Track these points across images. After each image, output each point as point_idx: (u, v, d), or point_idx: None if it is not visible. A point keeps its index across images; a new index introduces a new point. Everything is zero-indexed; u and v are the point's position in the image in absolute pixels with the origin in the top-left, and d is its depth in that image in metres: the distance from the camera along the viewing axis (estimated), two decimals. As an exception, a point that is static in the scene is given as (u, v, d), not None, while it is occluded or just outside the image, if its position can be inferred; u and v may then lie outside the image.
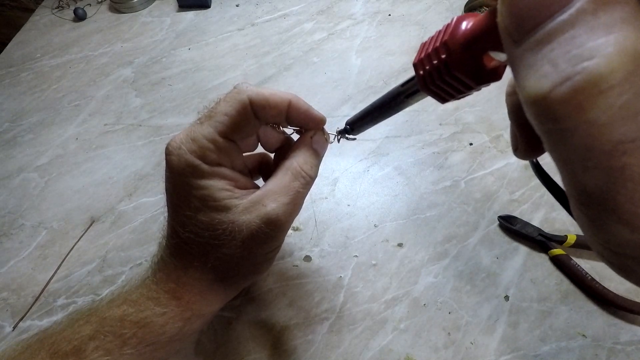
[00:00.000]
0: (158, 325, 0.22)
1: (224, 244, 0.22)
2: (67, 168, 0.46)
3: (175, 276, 0.23)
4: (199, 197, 0.22)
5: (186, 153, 0.21)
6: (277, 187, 0.23)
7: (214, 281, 0.24)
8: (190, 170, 0.21)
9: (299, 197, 0.23)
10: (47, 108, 0.53)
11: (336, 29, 0.61)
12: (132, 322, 0.21)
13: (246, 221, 0.22)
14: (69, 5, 0.70)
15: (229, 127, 0.22)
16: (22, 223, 0.42)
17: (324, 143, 0.26)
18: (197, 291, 0.23)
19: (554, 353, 0.31)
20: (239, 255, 0.23)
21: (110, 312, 0.22)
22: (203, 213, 0.22)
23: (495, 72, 0.14)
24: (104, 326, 0.21)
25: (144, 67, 0.57)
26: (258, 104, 0.22)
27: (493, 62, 0.14)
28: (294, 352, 0.32)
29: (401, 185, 0.42)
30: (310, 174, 0.24)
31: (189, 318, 0.23)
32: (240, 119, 0.22)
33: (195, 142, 0.21)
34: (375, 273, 0.36)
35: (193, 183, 0.22)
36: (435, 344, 0.32)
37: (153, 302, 0.22)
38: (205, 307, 0.24)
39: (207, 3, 0.67)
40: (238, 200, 0.22)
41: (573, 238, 0.35)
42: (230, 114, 0.22)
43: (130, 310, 0.22)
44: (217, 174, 0.22)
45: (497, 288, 0.35)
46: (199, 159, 0.21)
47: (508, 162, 0.43)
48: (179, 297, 0.23)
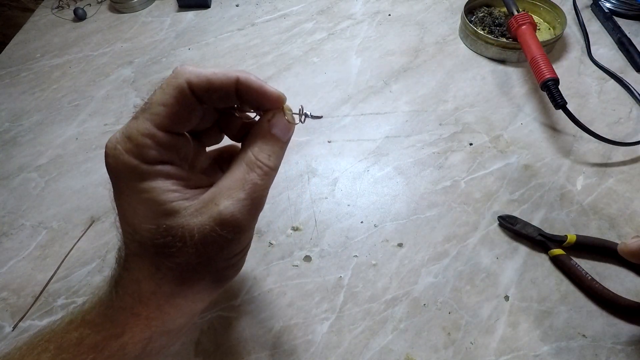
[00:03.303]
0: (116, 348, 0.19)
1: (175, 253, 0.19)
2: (67, 168, 0.46)
3: (131, 291, 0.20)
4: (142, 202, 0.19)
5: (122, 153, 0.19)
6: (231, 182, 0.20)
7: (173, 295, 0.21)
8: (128, 173, 0.19)
9: (257, 191, 0.20)
10: (47, 108, 0.53)
11: (336, 29, 0.61)
12: (89, 346, 0.19)
13: (198, 224, 0.19)
14: (69, 5, 0.70)
15: (167, 118, 0.19)
16: (22, 223, 0.42)
17: (286, 126, 0.22)
18: (155, 306, 0.20)
19: (554, 353, 0.31)
20: (195, 263, 0.20)
21: (68, 336, 0.20)
22: (148, 219, 0.19)
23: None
24: (61, 353, 0.19)
25: (144, 67, 0.57)
26: (199, 87, 0.19)
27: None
28: (294, 352, 0.32)
29: (401, 185, 0.42)
30: (267, 164, 0.21)
31: (150, 337, 0.20)
32: (180, 107, 0.19)
33: (131, 139, 0.19)
34: (375, 273, 0.36)
35: (133, 187, 0.19)
36: (435, 344, 0.32)
37: (110, 322, 0.20)
38: (169, 323, 0.21)
39: (207, 3, 0.67)
40: (188, 202, 0.20)
41: (573, 238, 0.35)
42: (167, 102, 0.19)
43: (87, 332, 0.20)
44: (159, 173, 0.19)
45: (497, 288, 0.35)
46: (136, 158, 0.19)
47: (508, 162, 0.43)
48: (137, 314, 0.20)
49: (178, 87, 0.19)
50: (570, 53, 0.55)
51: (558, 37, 0.52)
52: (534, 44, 0.48)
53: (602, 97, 0.49)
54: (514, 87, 0.51)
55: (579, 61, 0.53)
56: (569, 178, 0.42)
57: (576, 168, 0.42)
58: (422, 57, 0.56)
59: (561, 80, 0.44)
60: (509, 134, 0.46)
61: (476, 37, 0.54)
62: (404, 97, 0.51)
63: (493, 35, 0.54)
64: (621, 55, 0.54)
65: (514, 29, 0.51)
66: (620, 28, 0.56)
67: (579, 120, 0.43)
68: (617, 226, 0.38)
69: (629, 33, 0.55)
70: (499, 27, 0.56)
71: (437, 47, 0.57)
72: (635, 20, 0.58)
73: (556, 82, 0.44)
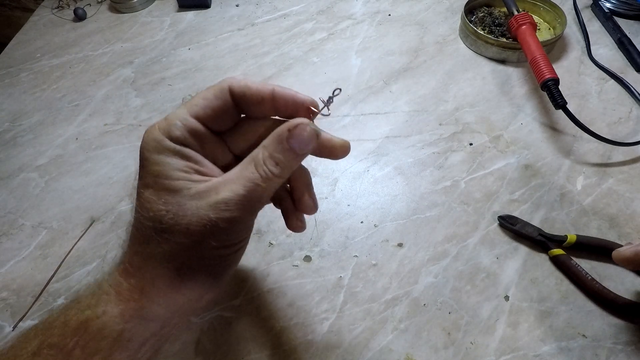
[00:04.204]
0: (96, 328, 0.19)
1: (167, 228, 0.20)
2: (67, 168, 0.46)
3: (122, 268, 0.21)
4: (152, 173, 0.21)
5: (155, 129, 0.21)
6: (236, 176, 0.21)
7: (158, 276, 0.21)
8: (153, 145, 0.21)
9: (256, 192, 0.21)
10: (47, 108, 0.53)
11: (336, 29, 0.61)
12: (74, 328, 0.19)
13: (194, 206, 0.20)
14: (69, 5, 0.70)
15: (203, 109, 0.22)
16: (22, 223, 0.42)
17: (304, 140, 0.22)
18: (137, 284, 0.21)
19: (554, 353, 0.31)
20: (182, 244, 0.20)
21: (59, 318, 0.20)
22: (152, 191, 0.20)
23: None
24: (48, 337, 0.19)
25: (144, 67, 0.57)
26: (239, 91, 0.22)
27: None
28: (294, 352, 0.32)
29: (401, 185, 0.42)
30: (273, 171, 0.21)
31: (129, 320, 0.20)
32: (217, 103, 0.22)
33: (167, 120, 0.21)
34: (375, 273, 0.36)
35: (151, 157, 0.21)
36: (435, 344, 0.32)
37: (95, 299, 0.20)
38: (150, 307, 0.21)
39: (207, 3, 0.67)
40: (192, 184, 0.21)
41: (573, 238, 0.35)
42: (207, 97, 0.22)
43: (73, 312, 0.20)
44: (179, 152, 0.21)
45: (497, 288, 0.35)
46: (163, 134, 0.21)
47: (508, 162, 0.43)
48: (119, 292, 0.20)
49: (221, 87, 0.22)
50: (570, 53, 0.55)
51: (558, 37, 0.52)
52: (534, 44, 0.48)
53: (602, 97, 0.49)
54: (514, 87, 0.51)
55: (579, 61, 0.53)
56: (569, 178, 0.42)
57: (576, 168, 0.42)
58: (422, 57, 0.56)
59: (561, 80, 0.44)
60: (509, 134, 0.46)
61: (476, 37, 0.54)
62: (404, 97, 0.51)
63: (493, 35, 0.54)
64: (621, 55, 0.54)
65: (514, 29, 0.51)
66: (620, 28, 0.56)
67: (579, 120, 0.43)
68: (617, 226, 0.38)
69: (629, 33, 0.55)
70: (499, 27, 0.56)
71: (437, 47, 0.57)
72: (635, 20, 0.58)
73: (556, 82, 0.44)
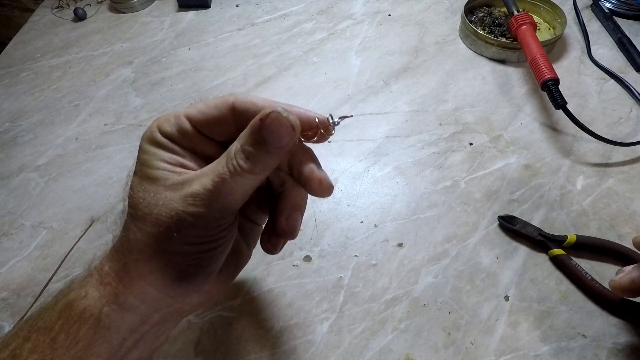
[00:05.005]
0: (79, 310, 0.20)
1: (141, 216, 0.20)
2: (67, 168, 0.46)
3: (108, 252, 0.22)
4: (140, 161, 0.22)
5: (154, 123, 0.22)
6: (210, 170, 0.20)
7: (130, 263, 0.21)
8: (147, 135, 0.22)
9: (224, 188, 0.19)
10: (47, 108, 0.53)
11: (336, 29, 0.61)
12: (60, 309, 0.20)
13: (167, 197, 0.20)
14: (69, 5, 0.70)
15: (198, 113, 0.22)
16: (22, 223, 0.42)
17: (280, 131, 0.19)
18: (113, 267, 0.21)
19: (554, 353, 0.31)
20: (151, 234, 0.20)
21: (51, 301, 0.21)
22: (137, 178, 0.21)
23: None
24: (39, 321, 0.20)
25: (144, 67, 0.57)
26: (242, 107, 0.22)
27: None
28: (294, 352, 0.32)
29: (401, 185, 0.42)
30: (242, 165, 0.19)
31: (106, 304, 0.20)
32: (214, 112, 0.22)
33: (165, 115, 0.22)
34: (375, 273, 0.36)
35: (143, 146, 0.22)
36: (435, 344, 0.32)
37: (83, 281, 0.21)
38: (125, 295, 0.20)
39: (207, 3, 0.67)
40: (171, 175, 0.21)
41: (573, 238, 0.35)
42: (208, 104, 0.22)
43: (63, 294, 0.21)
44: (164, 145, 0.22)
45: (497, 288, 0.35)
46: (157, 127, 0.22)
47: (508, 162, 0.43)
48: (101, 275, 0.21)
49: (224, 100, 0.22)
50: (570, 53, 0.55)
51: (558, 37, 0.52)
52: (534, 44, 0.48)
53: (602, 97, 0.49)
54: (514, 87, 0.51)
55: (579, 61, 0.53)
56: (569, 178, 0.42)
57: (576, 168, 0.42)
58: (422, 57, 0.56)
59: (561, 80, 0.44)
60: (509, 134, 0.46)
61: (476, 37, 0.54)
62: (404, 97, 0.51)
63: (493, 35, 0.54)
64: (621, 55, 0.54)
65: (514, 29, 0.51)
66: (620, 28, 0.56)
67: (579, 120, 0.43)
68: (617, 226, 0.38)
69: (629, 33, 0.55)
70: (499, 27, 0.56)
71: (437, 47, 0.57)
72: (635, 20, 0.58)
73: (556, 82, 0.44)
